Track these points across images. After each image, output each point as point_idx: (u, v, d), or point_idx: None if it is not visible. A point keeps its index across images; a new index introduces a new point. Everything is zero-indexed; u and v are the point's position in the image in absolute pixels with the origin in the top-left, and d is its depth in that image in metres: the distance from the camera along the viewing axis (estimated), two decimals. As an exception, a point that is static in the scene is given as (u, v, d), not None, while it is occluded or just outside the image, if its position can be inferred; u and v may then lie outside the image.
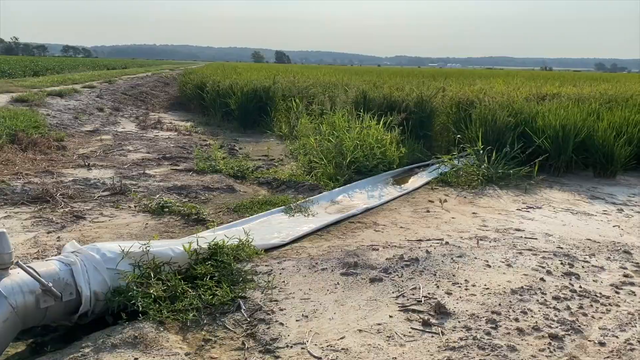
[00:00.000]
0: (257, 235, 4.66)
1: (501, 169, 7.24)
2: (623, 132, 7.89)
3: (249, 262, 3.86)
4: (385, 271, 3.69)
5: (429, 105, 9.66)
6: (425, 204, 5.95)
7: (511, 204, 6.04)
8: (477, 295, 3.34)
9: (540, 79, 19.81)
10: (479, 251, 4.23)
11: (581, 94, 11.22)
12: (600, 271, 3.86)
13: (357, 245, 4.35)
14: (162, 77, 28.14)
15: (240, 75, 16.37)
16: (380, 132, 8.13)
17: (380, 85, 12.68)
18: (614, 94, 11.31)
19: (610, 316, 3.11)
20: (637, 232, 5.00)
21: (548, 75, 27.26)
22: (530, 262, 3.99)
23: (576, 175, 7.81)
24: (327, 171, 6.98)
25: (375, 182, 7.10)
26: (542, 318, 3.05)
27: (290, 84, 13.68)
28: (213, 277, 3.50)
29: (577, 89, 12.64)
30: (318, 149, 7.57)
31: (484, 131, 8.03)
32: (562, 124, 7.69)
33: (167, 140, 10.00)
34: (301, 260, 3.93)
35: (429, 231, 4.88)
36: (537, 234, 4.82)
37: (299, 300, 3.25)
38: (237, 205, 5.61)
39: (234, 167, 7.20)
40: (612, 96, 10.82)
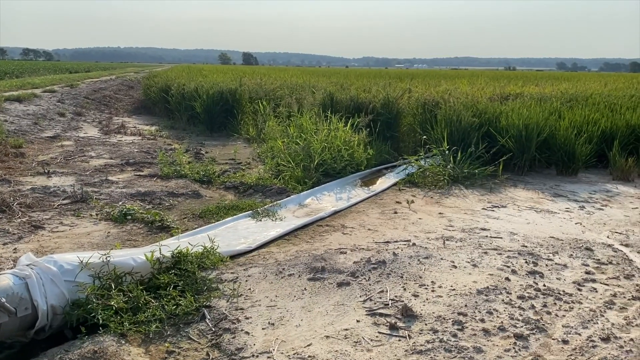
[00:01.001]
0: (223, 241, 4.59)
1: (467, 169, 7.33)
2: (583, 131, 8.09)
3: (214, 270, 3.78)
4: (353, 275, 3.67)
5: (395, 106, 9.71)
6: (393, 205, 5.97)
7: (477, 203, 6.10)
8: (444, 296, 3.35)
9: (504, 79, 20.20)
10: (446, 252, 4.25)
11: (543, 93, 11.48)
12: (563, 269, 3.93)
13: (325, 249, 4.32)
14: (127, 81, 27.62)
15: (206, 78, 16.17)
16: (347, 134, 8.13)
17: (348, 87, 12.70)
18: (574, 93, 11.62)
19: (573, 314, 3.15)
20: (598, 228, 5.12)
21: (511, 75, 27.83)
22: (496, 261, 4.03)
23: (539, 173, 7.97)
24: (295, 174, 6.94)
25: (343, 184, 7.09)
26: (507, 318, 3.07)
27: (257, 86, 13.58)
28: (177, 287, 3.43)
29: (539, 89, 12.94)
30: (286, 151, 7.52)
31: (449, 131, 8.12)
32: (525, 124, 7.83)
33: (130, 145, 9.79)
34: (268, 267, 3.88)
35: (396, 232, 4.89)
36: (502, 233, 4.89)
37: (265, 308, 3.20)
38: (203, 210, 5.51)
39: (199, 172, 7.09)
40: (573, 95, 11.11)
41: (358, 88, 12.07)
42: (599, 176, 7.82)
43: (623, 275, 3.82)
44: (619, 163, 7.61)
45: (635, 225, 5.25)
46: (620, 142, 8.02)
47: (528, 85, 14.89)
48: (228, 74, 20.74)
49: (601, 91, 12.61)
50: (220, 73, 21.66)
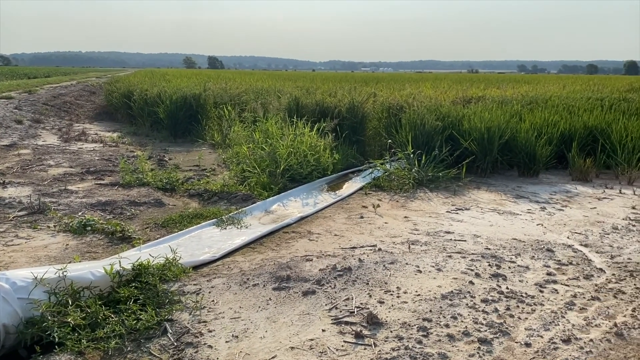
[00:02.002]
0: (187, 251, 4.50)
1: (431, 172, 7.40)
2: (543, 133, 8.28)
3: (177, 282, 3.69)
4: (318, 283, 3.64)
5: (360, 110, 9.75)
6: (359, 210, 5.97)
7: (441, 206, 6.16)
8: (409, 302, 3.35)
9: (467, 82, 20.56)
10: (411, 256, 4.27)
11: (504, 96, 11.72)
12: (526, 271, 3.99)
13: (290, 257, 4.28)
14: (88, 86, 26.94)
15: (170, 83, 15.91)
16: (314, 139, 8.11)
17: (314, 91, 12.69)
18: (534, 95, 11.89)
19: (535, 316, 3.20)
20: (559, 229, 5.23)
21: (474, 78, 28.36)
22: (460, 265, 4.06)
23: (502, 175, 8.12)
24: (261, 180, 6.87)
25: (310, 189, 7.07)
26: (471, 322, 3.09)
27: (222, 91, 13.44)
28: (137, 300, 3.32)
29: (500, 91, 13.21)
30: (251, 157, 7.45)
31: (414, 135, 8.19)
32: (487, 126, 7.97)
33: (91, 152, 9.54)
34: (232, 277, 3.81)
35: (362, 237, 4.88)
36: (466, 235, 4.94)
37: (228, 320, 3.13)
38: (166, 220, 5.40)
39: (162, 179, 6.95)
40: (533, 98, 11.38)
41: (324, 92, 12.08)
42: (559, 177, 8.02)
43: (583, 276, 3.90)
44: (578, 164, 7.81)
45: (594, 225, 5.39)
46: (579, 143, 8.24)
47: (490, 88, 15.18)
48: (192, 78, 20.48)
49: (560, 93, 12.96)
50: (185, 77, 21.37)
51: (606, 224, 5.43)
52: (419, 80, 23.10)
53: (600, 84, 20.44)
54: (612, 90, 15.15)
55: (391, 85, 16.31)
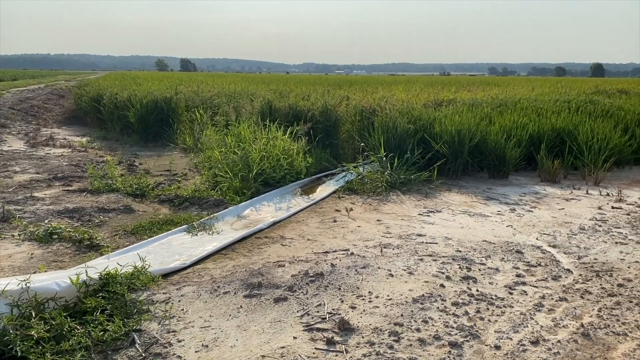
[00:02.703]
0: (156, 259, 4.43)
1: (403, 175, 7.45)
2: (513, 135, 8.42)
3: (146, 291, 3.62)
4: (290, 289, 3.61)
5: (333, 114, 9.76)
6: (333, 214, 5.97)
7: (413, 209, 6.20)
8: (381, 307, 3.35)
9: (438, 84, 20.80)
10: (383, 260, 4.27)
11: (475, 99, 11.88)
12: (496, 273, 4.04)
13: (263, 263, 4.24)
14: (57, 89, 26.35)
15: (140, 86, 15.67)
16: (287, 143, 8.08)
17: (287, 94, 12.67)
18: (504, 98, 12.09)
19: (505, 318, 3.23)
20: (528, 230, 5.31)
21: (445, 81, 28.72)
22: (431, 268, 4.09)
23: (473, 177, 8.22)
24: (233, 185, 6.81)
25: (283, 193, 7.03)
26: (442, 326, 3.11)
27: (194, 94, 13.31)
28: (104, 311, 3.25)
29: (471, 94, 13.39)
30: (223, 161, 7.38)
31: (386, 138, 8.23)
32: (458, 129, 8.06)
33: (59, 158, 9.32)
34: (202, 285, 3.76)
35: (335, 242, 4.88)
36: (438, 238, 4.98)
37: (198, 329, 3.09)
38: (135, 226, 5.30)
39: (132, 185, 6.83)
40: (503, 100, 11.56)
41: (297, 95, 12.07)
42: (529, 178, 8.16)
43: (551, 277, 3.97)
44: (547, 165, 7.96)
45: (562, 226, 5.49)
46: (547, 145, 8.41)
47: (461, 91, 15.39)
48: (164, 81, 20.22)
49: (529, 96, 13.20)
50: (156, 80, 21.09)
51: (574, 224, 5.54)
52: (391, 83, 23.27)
53: (568, 86, 20.93)
54: (579, 93, 15.52)
55: (364, 88, 16.38)
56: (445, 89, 16.53)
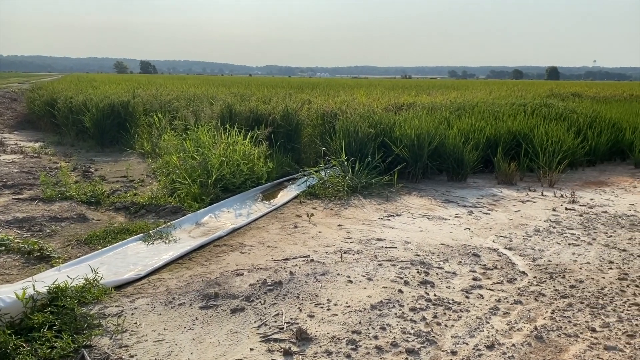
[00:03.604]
0: (110, 269, 4.29)
1: (364, 179, 7.48)
2: (470, 138, 8.57)
3: (97, 304, 3.50)
4: (248, 299, 3.56)
5: (295, 118, 9.73)
6: (294, 219, 5.93)
7: (374, 213, 6.22)
8: (339, 314, 3.33)
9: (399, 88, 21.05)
10: (343, 266, 4.26)
11: (434, 102, 12.06)
12: (453, 277, 4.08)
13: (220, 272, 4.17)
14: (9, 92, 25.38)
15: (97, 90, 15.26)
16: (247, 147, 8.00)
17: (248, 98, 12.56)
18: (462, 102, 12.31)
19: (461, 323, 3.26)
20: (485, 233, 5.40)
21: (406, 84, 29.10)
22: (390, 273, 4.10)
23: (432, 180, 8.32)
24: (192, 191, 6.68)
25: (243, 199, 6.95)
26: (399, 332, 3.11)
27: (153, 98, 13.04)
28: (53, 326, 3.12)
29: (431, 98, 13.59)
30: (182, 167, 7.24)
31: (347, 142, 8.25)
32: (417, 133, 8.15)
33: (10, 164, 8.96)
34: (157, 296, 3.66)
35: (295, 248, 4.84)
36: (397, 242, 5.00)
37: (152, 343, 2.99)
38: (89, 236, 5.13)
39: (87, 192, 6.62)
40: (461, 104, 11.76)
41: (259, 99, 11.98)
42: (486, 180, 8.32)
43: (506, 280, 4.04)
44: (503, 168, 8.13)
45: (518, 228, 5.61)
46: (504, 148, 8.60)
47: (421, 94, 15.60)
48: (122, 84, 19.76)
49: (486, 99, 13.49)
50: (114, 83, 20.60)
51: (529, 226, 5.66)
52: (354, 86, 23.41)
53: (524, 89, 21.51)
54: (534, 96, 15.96)
55: (326, 92, 16.42)
56: (406, 92, 16.73)
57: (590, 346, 3.01)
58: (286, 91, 15.75)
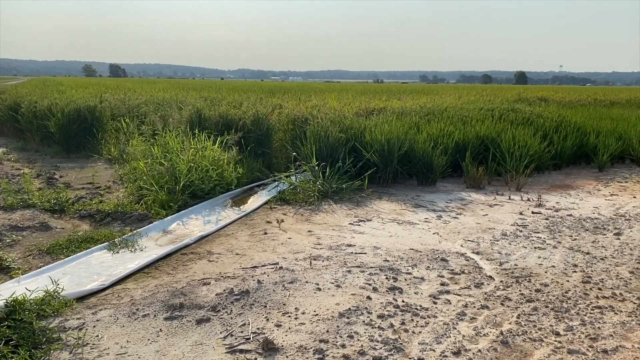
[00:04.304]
0: (73, 280, 4.17)
1: (335, 184, 7.47)
2: (439, 143, 8.66)
3: (57, 317, 3.39)
4: (214, 309, 3.49)
5: (265, 123, 9.67)
6: (263, 226, 5.88)
7: (344, 218, 6.22)
8: (307, 323, 3.30)
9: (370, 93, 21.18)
10: (312, 273, 4.23)
11: (404, 107, 12.15)
12: (421, 282, 4.09)
13: (187, 281, 4.09)
14: (-30, 96, 24.64)
15: (63, 94, 14.92)
16: (216, 153, 7.91)
17: (218, 102, 12.45)
18: (432, 107, 12.44)
19: (429, 329, 3.27)
20: (453, 237, 5.45)
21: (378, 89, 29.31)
22: (359, 280, 4.09)
23: (402, 184, 8.37)
24: (159, 198, 6.56)
25: (212, 205, 6.86)
26: (367, 340, 3.10)
27: (120, 102, 12.81)
28: (9, 341, 3.00)
29: (401, 103, 13.69)
30: (149, 173, 7.11)
31: (318, 147, 8.24)
32: (387, 138, 8.19)
33: (-30, 171, 8.67)
34: (121, 307, 3.56)
35: (264, 255, 4.79)
36: (367, 248, 5.00)
37: (114, 357, 2.91)
38: (52, 245, 4.99)
39: (51, 200, 6.44)
40: (431, 109, 11.89)
41: (229, 103, 11.88)
42: (455, 185, 8.40)
43: (474, 284, 4.07)
44: (471, 172, 8.24)
45: (485, 232, 5.67)
46: (472, 153, 8.70)
47: (392, 99, 15.72)
48: (89, 88, 19.38)
49: (455, 104, 13.67)
50: (81, 88, 20.18)
51: (496, 230, 5.74)
52: (326, 90, 23.46)
53: (493, 94, 21.89)
54: (502, 101, 16.26)
55: (298, 96, 16.40)
56: (377, 97, 16.83)
57: (554, 350, 3.05)
58: (257, 95, 15.68)
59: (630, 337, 3.23)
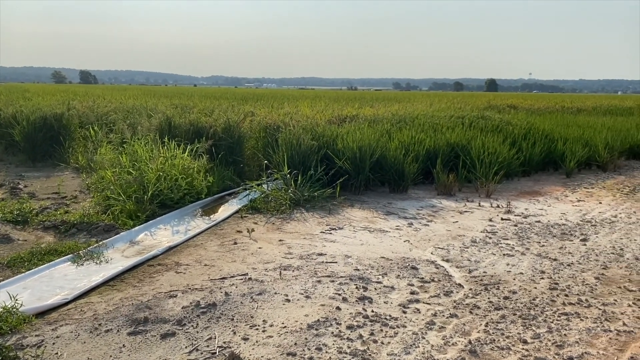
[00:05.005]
0: (34, 294, 4.03)
1: (307, 192, 7.43)
2: (411, 150, 8.71)
3: (15, 334, 3.26)
4: (179, 323, 3.41)
5: (237, 130, 9.58)
6: (234, 235, 5.80)
7: (316, 226, 6.19)
8: (274, 336, 3.25)
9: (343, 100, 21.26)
10: (281, 284, 4.18)
11: (377, 115, 12.22)
12: (391, 291, 4.08)
13: (153, 294, 3.99)
14: None
15: (30, 101, 14.55)
16: (186, 161, 7.79)
17: (190, 110, 12.31)
18: (403, 114, 12.53)
19: (398, 339, 3.25)
20: (424, 245, 5.47)
21: (351, 96, 29.45)
22: (328, 290, 4.05)
23: (374, 192, 8.38)
24: (127, 208, 6.42)
25: (182, 215, 6.75)
26: (335, 352, 3.06)
27: (89, 110, 12.55)
28: (-38, 362, 2.88)
29: (373, 110, 13.76)
30: (116, 182, 6.95)
31: (290, 155, 8.19)
32: (359, 146, 8.20)
33: None
34: (83, 322, 3.45)
35: (234, 266, 4.72)
36: (338, 257, 4.97)
37: (73, 376, 2.81)
38: (13, 258, 4.82)
39: (13, 211, 6.23)
40: (402, 117, 11.97)
41: (201, 111, 11.76)
42: (426, 192, 8.46)
43: (443, 293, 4.08)
44: (442, 179, 8.31)
45: (455, 239, 5.70)
46: (443, 160, 8.78)
47: (364, 106, 15.79)
48: (57, 95, 18.96)
49: (427, 112, 13.81)
50: (49, 94, 19.73)
51: (466, 237, 5.78)
52: (299, 97, 23.46)
53: (464, 101, 22.21)
54: (473, 108, 16.50)
55: (271, 103, 16.35)
56: (350, 104, 16.90)
57: (522, 358, 3.06)
58: (230, 103, 15.58)
59: (595, 343, 3.27)
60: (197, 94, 25.64)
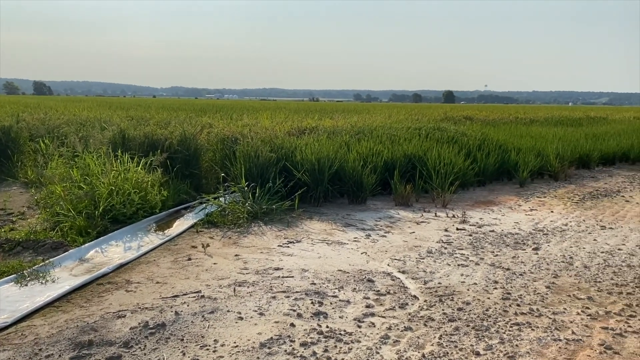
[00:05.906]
0: (-30, 319, 3.81)
1: (265, 205, 7.36)
2: (369, 162, 8.76)
3: (-54, 364, 3.06)
4: (126, 345, 3.28)
5: (193, 143, 9.43)
6: (188, 251, 5.67)
7: (274, 240, 6.11)
8: (225, 356, 3.16)
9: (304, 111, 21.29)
10: (235, 301, 4.09)
11: (336, 126, 12.26)
12: (347, 305, 4.05)
13: (101, 314, 3.83)
14: None
15: (-24, 113, 13.97)
16: (140, 175, 7.60)
17: (146, 122, 12.05)
18: (362, 126, 12.63)
19: (352, 355, 3.22)
20: (380, 256, 5.47)
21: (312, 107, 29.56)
22: (283, 306, 3.99)
23: (334, 203, 8.37)
24: (77, 224, 6.19)
25: (135, 230, 6.55)
26: (288, 371, 3.00)
27: (40, 122, 12.13)
28: None
29: (333, 122, 13.82)
30: (67, 198, 6.70)
31: (248, 167, 8.11)
32: (318, 157, 8.19)
33: None
34: (22, 348, 3.27)
35: (187, 283, 4.60)
36: (294, 271, 4.92)
37: (8, 406, 2.65)
38: (-51, 280, 4.55)
39: (-47, 230, 5.92)
40: (361, 128, 12.06)
41: (157, 123, 11.53)
42: (384, 202, 8.51)
43: (398, 305, 4.07)
44: (400, 190, 8.38)
45: (412, 250, 5.74)
46: (400, 171, 8.86)
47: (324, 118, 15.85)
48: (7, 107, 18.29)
49: (385, 123, 13.97)
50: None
51: (422, 248, 5.82)
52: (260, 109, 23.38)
53: (421, 113, 22.60)
54: (430, 120, 16.79)
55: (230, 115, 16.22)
56: (310, 116, 16.94)
57: (474, 370, 3.07)
58: (188, 114, 15.35)
59: (545, 353, 3.32)
60: (155, 106, 25.21)
